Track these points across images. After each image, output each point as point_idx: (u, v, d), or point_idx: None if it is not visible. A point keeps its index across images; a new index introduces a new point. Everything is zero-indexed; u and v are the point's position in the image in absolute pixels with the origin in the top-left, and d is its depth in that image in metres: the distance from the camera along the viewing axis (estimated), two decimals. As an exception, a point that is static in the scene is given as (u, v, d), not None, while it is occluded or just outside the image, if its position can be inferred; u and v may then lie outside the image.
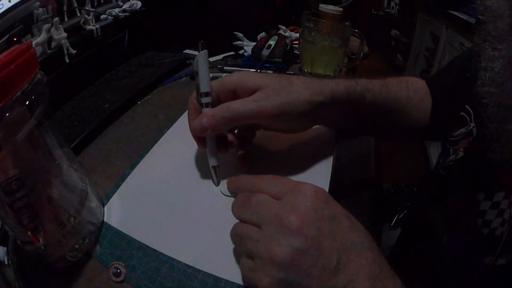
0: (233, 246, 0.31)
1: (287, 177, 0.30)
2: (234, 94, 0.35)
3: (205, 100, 0.34)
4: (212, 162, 0.36)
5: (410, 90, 0.44)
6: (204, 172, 0.39)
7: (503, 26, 0.28)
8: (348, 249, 0.24)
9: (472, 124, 0.37)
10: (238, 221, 0.29)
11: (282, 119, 0.34)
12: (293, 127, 0.38)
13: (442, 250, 0.39)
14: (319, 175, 0.38)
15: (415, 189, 0.66)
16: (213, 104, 0.34)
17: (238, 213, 0.29)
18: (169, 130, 0.47)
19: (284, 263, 0.23)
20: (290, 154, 0.41)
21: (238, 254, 0.30)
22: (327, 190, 0.36)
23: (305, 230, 0.24)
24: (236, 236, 0.28)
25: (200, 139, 0.36)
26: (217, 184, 0.37)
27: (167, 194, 0.36)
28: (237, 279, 0.28)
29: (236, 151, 0.39)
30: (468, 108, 0.38)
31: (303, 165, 0.39)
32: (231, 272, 0.29)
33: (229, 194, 0.35)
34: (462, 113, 0.39)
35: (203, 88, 0.34)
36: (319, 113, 0.36)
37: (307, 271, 0.23)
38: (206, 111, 0.34)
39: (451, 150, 0.40)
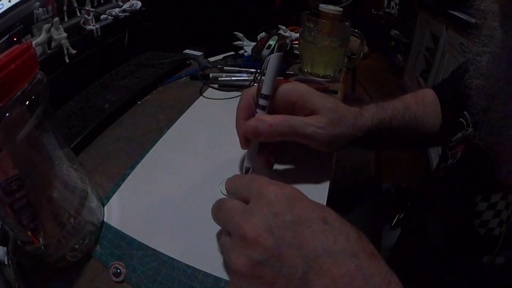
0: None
1: (263, 176, 0.28)
2: (291, 106, 0.36)
3: (263, 102, 0.34)
4: (248, 163, 0.36)
5: (426, 106, 0.47)
6: (204, 172, 0.39)
7: (493, 25, 0.30)
8: (320, 257, 0.21)
9: (470, 129, 0.37)
10: None
11: (326, 145, 0.36)
12: (327, 149, 0.38)
13: (440, 250, 0.39)
14: (320, 176, 0.38)
15: (415, 189, 0.66)
16: (268, 108, 0.35)
17: (214, 219, 0.29)
18: (169, 130, 0.47)
19: (244, 274, 0.22)
20: (291, 154, 0.41)
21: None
22: (327, 191, 0.36)
23: (262, 240, 0.22)
24: (219, 243, 0.29)
25: (246, 139, 0.36)
26: None
27: (167, 194, 0.36)
28: (237, 279, 0.28)
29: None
30: (466, 113, 0.39)
31: (304, 166, 0.39)
32: (231, 272, 0.29)
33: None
34: (461, 119, 0.40)
35: (266, 90, 0.34)
36: (354, 142, 0.38)
37: (270, 282, 0.22)
38: (264, 117, 0.34)
39: (449, 155, 0.41)
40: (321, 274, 0.21)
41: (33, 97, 0.24)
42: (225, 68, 0.67)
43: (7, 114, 0.22)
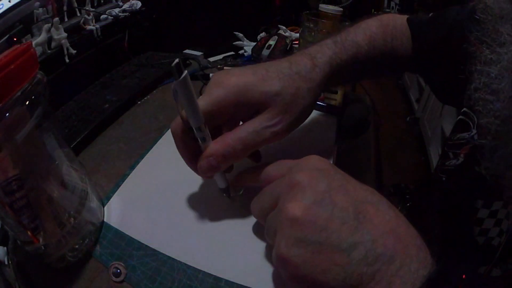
0: (233, 246, 0.31)
1: None
2: (235, 114, 0.31)
3: (200, 135, 0.28)
4: (222, 185, 0.33)
5: (394, 40, 0.43)
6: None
7: (505, 29, 0.26)
8: (364, 204, 0.23)
9: (474, 131, 0.36)
10: (237, 221, 0.29)
11: (292, 130, 0.33)
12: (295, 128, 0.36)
13: (438, 257, 0.39)
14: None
15: (415, 189, 0.66)
16: (210, 132, 0.29)
17: (257, 206, 0.28)
18: (169, 130, 0.47)
19: (297, 219, 0.22)
20: (290, 155, 0.41)
21: (238, 254, 0.30)
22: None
23: (314, 185, 0.23)
24: (266, 226, 0.27)
25: (205, 175, 0.32)
26: (230, 198, 0.35)
27: (167, 194, 0.36)
28: (237, 279, 0.28)
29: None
30: (470, 112, 0.37)
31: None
32: (231, 272, 0.29)
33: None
34: (461, 117, 0.38)
35: (195, 123, 0.27)
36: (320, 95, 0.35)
37: (324, 225, 0.22)
38: (212, 150, 0.29)
39: (450, 154, 0.40)
40: (369, 219, 0.22)
41: (33, 97, 0.24)
42: (225, 68, 0.67)
43: (7, 114, 0.22)
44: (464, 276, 0.22)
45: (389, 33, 0.42)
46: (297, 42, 0.74)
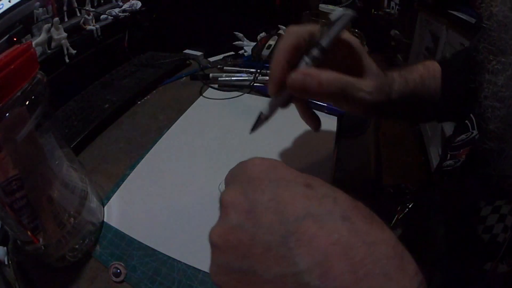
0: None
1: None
2: (342, 61, 0.33)
3: (317, 53, 0.30)
4: (267, 111, 0.31)
5: (436, 81, 0.45)
6: (204, 172, 0.39)
7: (508, 38, 0.27)
8: (303, 220, 0.18)
9: (475, 132, 0.36)
10: None
11: (364, 112, 0.34)
12: (361, 114, 0.36)
13: (442, 254, 0.39)
14: (320, 175, 0.38)
15: (415, 189, 0.66)
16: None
17: None
18: (169, 131, 0.47)
19: (219, 246, 0.20)
20: (290, 154, 0.41)
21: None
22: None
23: (237, 203, 0.20)
24: None
25: (279, 87, 0.31)
26: (251, 131, 0.32)
27: (167, 194, 0.36)
28: (237, 279, 0.28)
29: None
30: (471, 116, 0.38)
31: (304, 166, 0.39)
32: (231, 272, 0.29)
33: None
34: (466, 121, 0.39)
35: (326, 43, 0.30)
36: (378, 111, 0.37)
37: (246, 252, 0.19)
38: (314, 72, 0.29)
39: (449, 155, 0.40)
40: (307, 242, 0.17)
41: (33, 97, 0.24)
42: (225, 68, 0.67)
43: (7, 114, 0.22)
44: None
45: (432, 75, 0.45)
46: (297, 42, 0.74)
